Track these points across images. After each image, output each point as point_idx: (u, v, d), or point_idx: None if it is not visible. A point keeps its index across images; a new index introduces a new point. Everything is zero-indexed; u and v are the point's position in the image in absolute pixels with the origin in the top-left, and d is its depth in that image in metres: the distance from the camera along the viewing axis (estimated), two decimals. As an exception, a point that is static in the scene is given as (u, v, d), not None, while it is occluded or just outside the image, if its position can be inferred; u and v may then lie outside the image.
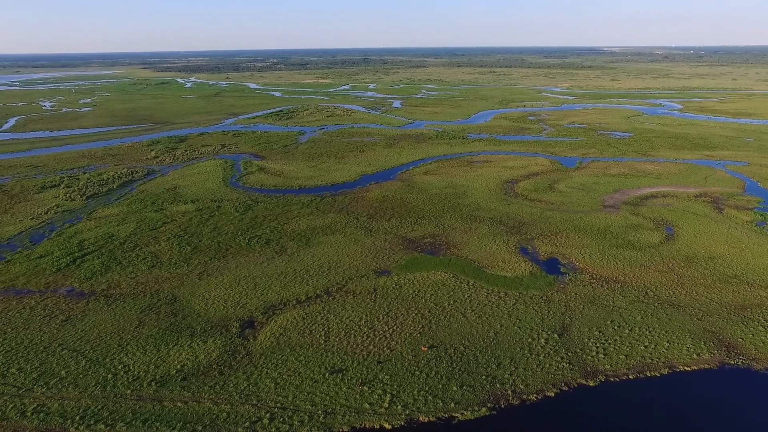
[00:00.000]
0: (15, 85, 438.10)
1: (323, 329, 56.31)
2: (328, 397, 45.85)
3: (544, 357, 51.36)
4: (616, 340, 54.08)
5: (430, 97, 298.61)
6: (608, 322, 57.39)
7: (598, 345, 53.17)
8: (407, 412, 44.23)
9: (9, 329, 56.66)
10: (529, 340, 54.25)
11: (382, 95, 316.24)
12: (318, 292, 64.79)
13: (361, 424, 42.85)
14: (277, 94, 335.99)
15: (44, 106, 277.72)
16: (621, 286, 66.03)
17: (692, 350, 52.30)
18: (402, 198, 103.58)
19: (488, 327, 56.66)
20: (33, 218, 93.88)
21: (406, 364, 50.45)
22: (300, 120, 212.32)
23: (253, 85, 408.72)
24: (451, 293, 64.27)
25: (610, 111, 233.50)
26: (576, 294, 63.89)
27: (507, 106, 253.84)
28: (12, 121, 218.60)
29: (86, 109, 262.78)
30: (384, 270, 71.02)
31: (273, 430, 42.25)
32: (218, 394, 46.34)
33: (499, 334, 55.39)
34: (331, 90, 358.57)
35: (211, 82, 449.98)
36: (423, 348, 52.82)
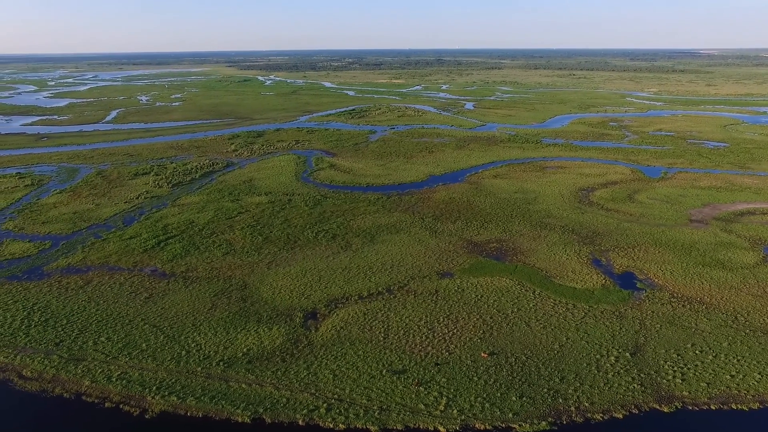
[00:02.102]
0: (118, 81, 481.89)
1: (383, 326, 56.74)
2: (384, 394, 46.15)
3: (613, 375, 48.40)
4: (697, 365, 49.80)
5: (504, 100, 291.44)
6: (689, 346, 52.98)
7: (675, 369, 49.24)
8: (463, 417, 43.47)
9: (102, 301, 62.42)
10: (598, 356, 51.35)
11: (454, 96, 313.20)
12: (380, 289, 65.38)
13: (415, 424, 42.70)
14: (351, 93, 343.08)
15: (141, 100, 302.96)
16: (706, 307, 60.70)
17: (788, 386, 46.95)
18: (469, 200, 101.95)
19: (553, 339, 54.33)
20: (126, 202, 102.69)
21: (464, 368, 49.62)
22: (371, 119, 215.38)
23: (328, 84, 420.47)
24: (516, 301, 62.33)
25: (703, 118, 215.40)
26: (653, 312, 59.58)
27: (586, 110, 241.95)
28: (114, 113, 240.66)
29: (176, 103, 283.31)
30: (447, 272, 70.29)
31: (329, 419, 43.21)
32: (280, 379, 48.13)
33: (564, 347, 52.94)
34: (404, 90, 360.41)
35: (289, 81, 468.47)
36: (483, 354, 51.68)
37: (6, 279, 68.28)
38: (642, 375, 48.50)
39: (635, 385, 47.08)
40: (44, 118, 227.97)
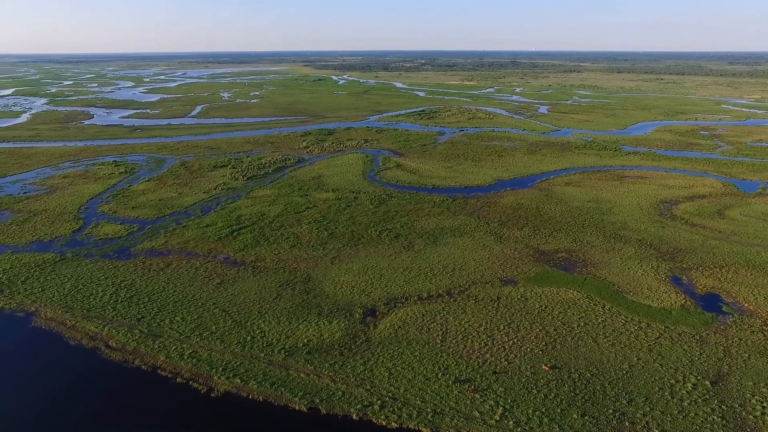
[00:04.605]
0: (204, 79, 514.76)
1: (441, 329, 56.24)
2: (438, 397, 45.74)
3: (689, 404, 44.72)
4: (789, 403, 44.79)
5: (582, 104, 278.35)
6: (781, 380, 47.76)
7: (765, 405, 44.59)
8: (519, 429, 42.06)
9: (179, 283, 67.00)
10: (672, 381, 47.68)
11: (528, 100, 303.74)
12: (440, 291, 64.85)
13: (468, 431, 41.92)
14: (421, 93, 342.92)
15: (223, 96, 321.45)
16: (804, 340, 54.42)
17: None
18: (538, 207, 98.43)
19: (622, 358, 51.16)
20: (205, 192, 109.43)
21: (523, 379, 48.01)
22: (440, 120, 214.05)
23: (399, 85, 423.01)
24: (583, 314, 59.36)
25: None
26: (741, 340, 54.35)
27: (673, 117, 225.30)
28: (198, 109, 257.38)
29: (255, 100, 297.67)
30: (510, 279, 68.35)
31: (382, 417, 43.50)
32: (336, 372, 49.15)
33: (634, 367, 49.67)
34: (476, 92, 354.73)
35: (361, 80, 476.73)
36: (544, 367, 49.72)
37: (100, 257, 75.22)
38: (723, 407, 44.42)
39: (715, 417, 43.21)
40: (138, 111, 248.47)
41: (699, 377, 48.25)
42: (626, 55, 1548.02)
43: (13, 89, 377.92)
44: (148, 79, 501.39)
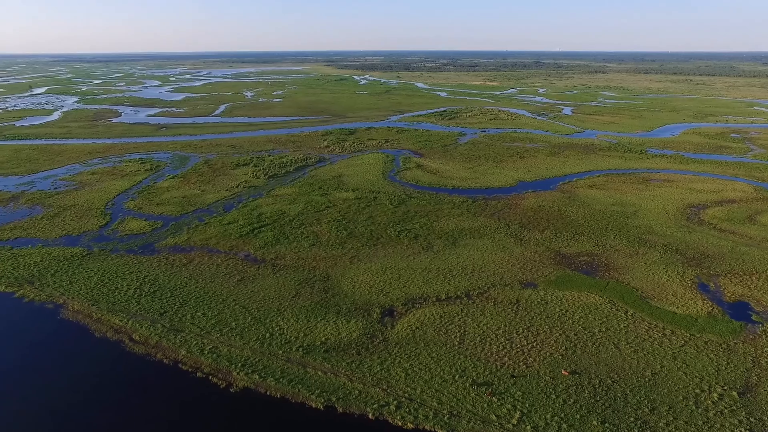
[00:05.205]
0: (228, 78, 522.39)
1: (459, 331, 55.90)
2: (455, 399, 45.48)
3: (714, 414, 43.48)
4: (821, 417, 43.17)
5: (607, 105, 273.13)
6: (813, 393, 46.07)
7: (793, 417, 43.07)
8: (537, 435, 41.52)
9: (201, 279, 68.16)
10: (697, 390, 46.42)
11: (551, 101, 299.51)
12: (458, 293, 64.47)
13: (485, 435, 41.56)
14: (443, 94, 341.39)
15: (246, 95, 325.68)
16: (839, 352, 52.35)
17: None
18: (560, 210, 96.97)
19: (645, 365, 50.03)
20: (227, 190, 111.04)
21: (542, 384, 47.37)
22: (462, 121, 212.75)
23: (420, 85, 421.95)
24: (604, 320, 58.25)
25: None
26: (769, 350, 52.57)
27: (702, 120, 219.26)
28: (222, 107, 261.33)
29: (277, 100, 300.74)
30: (530, 282, 67.52)
31: (398, 417, 43.47)
32: (353, 371, 49.30)
33: (657, 375, 48.52)
34: (498, 93, 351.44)
35: (383, 80, 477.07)
36: (564, 372, 48.97)
37: (125, 252, 77.06)
38: (752, 419, 43.05)
39: (742, 430, 41.92)
40: (164, 110, 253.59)
41: (726, 387, 46.87)
42: (653, 55, 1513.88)
43: (46, 88, 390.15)
44: (174, 78, 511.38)
